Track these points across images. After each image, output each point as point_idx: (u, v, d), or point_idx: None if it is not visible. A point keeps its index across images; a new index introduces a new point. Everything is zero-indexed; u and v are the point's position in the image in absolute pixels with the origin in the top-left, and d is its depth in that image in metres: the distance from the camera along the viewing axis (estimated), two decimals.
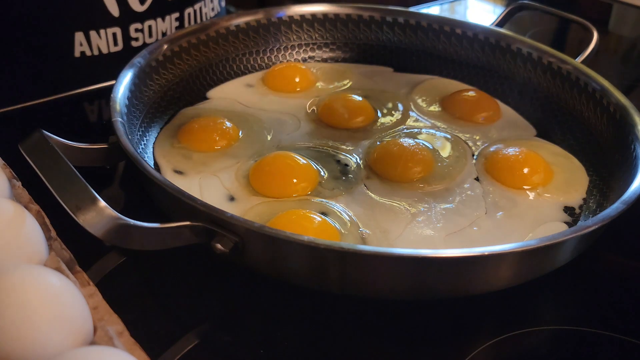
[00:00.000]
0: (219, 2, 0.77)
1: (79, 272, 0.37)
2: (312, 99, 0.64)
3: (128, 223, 0.39)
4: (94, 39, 0.65)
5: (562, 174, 0.55)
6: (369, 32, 0.71)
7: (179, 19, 0.71)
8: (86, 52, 0.66)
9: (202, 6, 0.73)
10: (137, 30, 0.68)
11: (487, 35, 0.67)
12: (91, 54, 0.66)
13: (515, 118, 0.63)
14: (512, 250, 0.40)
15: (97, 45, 0.66)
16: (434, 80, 0.69)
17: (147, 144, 0.56)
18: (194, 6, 0.72)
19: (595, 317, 0.45)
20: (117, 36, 0.67)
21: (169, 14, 0.70)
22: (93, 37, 0.65)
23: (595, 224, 0.42)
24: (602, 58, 0.85)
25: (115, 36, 0.67)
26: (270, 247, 0.41)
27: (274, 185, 0.51)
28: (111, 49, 0.67)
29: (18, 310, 0.31)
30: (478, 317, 0.45)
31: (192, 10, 0.72)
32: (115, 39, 0.67)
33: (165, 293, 0.45)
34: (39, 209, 0.41)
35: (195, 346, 0.41)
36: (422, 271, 0.41)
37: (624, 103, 0.55)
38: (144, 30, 0.68)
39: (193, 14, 0.72)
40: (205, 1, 0.74)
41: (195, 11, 0.72)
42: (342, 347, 0.42)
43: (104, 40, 0.66)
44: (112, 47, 0.67)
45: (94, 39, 0.65)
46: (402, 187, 0.52)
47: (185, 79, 0.64)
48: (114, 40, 0.67)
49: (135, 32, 0.68)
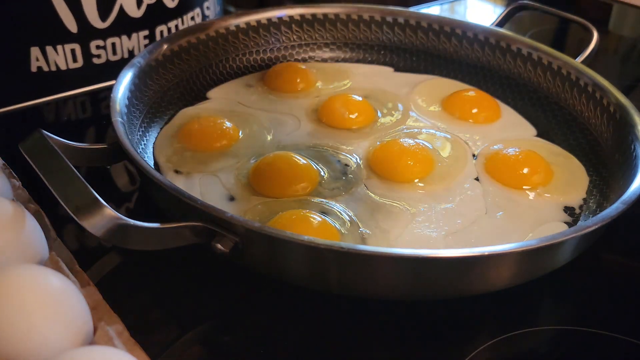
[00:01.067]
0: (202, 20, 0.74)
1: (79, 272, 0.38)
2: (312, 99, 0.64)
3: (128, 223, 0.39)
4: (51, 55, 0.63)
5: (562, 174, 0.55)
6: (369, 32, 0.71)
7: (148, 37, 0.68)
8: (43, 67, 0.63)
9: (179, 24, 0.71)
10: (98, 47, 0.65)
11: (487, 35, 0.67)
12: (48, 69, 0.64)
13: (515, 118, 0.63)
14: (512, 250, 0.40)
15: (55, 60, 0.64)
16: (434, 80, 0.69)
17: (147, 144, 0.56)
18: (167, 24, 0.69)
19: (595, 317, 0.45)
20: (76, 52, 0.64)
21: (136, 31, 0.67)
22: (50, 53, 0.63)
23: (595, 224, 0.42)
24: (602, 58, 0.85)
25: (74, 52, 0.64)
26: (270, 247, 0.41)
27: (274, 185, 0.51)
28: (70, 65, 0.65)
29: (18, 310, 0.31)
30: (478, 317, 0.45)
31: (165, 28, 0.69)
32: (75, 56, 0.64)
33: (165, 293, 0.45)
34: (38, 208, 0.41)
35: (195, 346, 0.41)
36: (422, 271, 0.41)
37: (624, 103, 0.55)
38: (107, 47, 0.66)
39: (167, 32, 0.69)
40: (182, 18, 0.71)
41: (170, 29, 0.70)
42: (342, 347, 0.42)
43: (61, 56, 0.64)
44: (72, 63, 0.65)
45: (50, 54, 0.63)
46: (402, 187, 0.52)
47: (185, 79, 0.64)
48: (73, 56, 0.64)
49: (97, 49, 0.65)
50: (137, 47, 0.68)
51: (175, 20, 0.70)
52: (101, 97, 0.68)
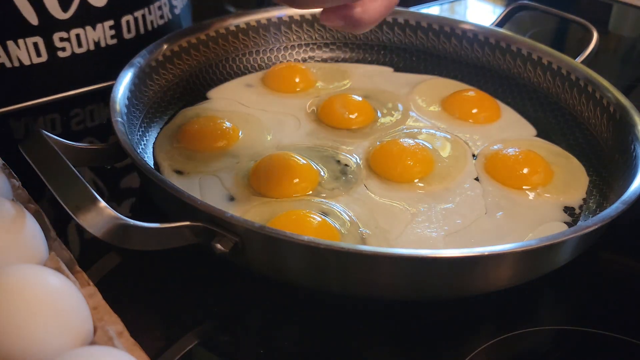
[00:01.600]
0: (170, 10, 0.72)
1: (79, 272, 0.38)
2: (312, 99, 0.64)
3: (128, 223, 0.39)
4: (13, 50, 0.60)
5: (562, 174, 0.55)
6: (369, 32, 0.71)
7: (114, 27, 0.65)
8: (5, 63, 0.61)
9: (146, 13, 0.68)
10: (62, 39, 0.62)
11: (487, 35, 0.67)
12: (11, 65, 0.61)
13: (515, 118, 0.63)
14: (512, 250, 0.40)
15: (17, 56, 0.61)
16: (434, 80, 0.69)
17: (147, 144, 0.56)
18: (133, 14, 0.66)
19: (595, 317, 0.45)
20: (39, 46, 0.61)
21: (100, 21, 0.64)
22: (11, 48, 0.60)
23: (595, 224, 0.42)
24: (602, 58, 0.85)
25: (36, 46, 0.61)
26: (270, 247, 0.41)
27: (274, 185, 0.51)
28: (34, 60, 0.62)
29: (18, 310, 0.31)
30: (478, 317, 0.45)
31: (131, 18, 0.66)
32: (38, 50, 0.62)
33: (165, 293, 0.45)
34: (38, 208, 0.41)
35: (195, 346, 0.41)
36: (422, 271, 0.41)
37: (624, 103, 0.55)
38: (71, 39, 0.63)
39: (134, 22, 0.67)
40: (149, 8, 0.68)
41: (137, 19, 0.67)
42: (342, 347, 0.42)
43: (24, 51, 0.61)
44: (35, 57, 0.62)
45: (12, 49, 0.60)
46: (402, 187, 0.52)
47: (185, 79, 0.64)
48: (36, 50, 0.62)
49: (61, 41, 0.62)
50: (104, 38, 0.65)
51: (141, 9, 0.67)
52: (101, 97, 0.68)
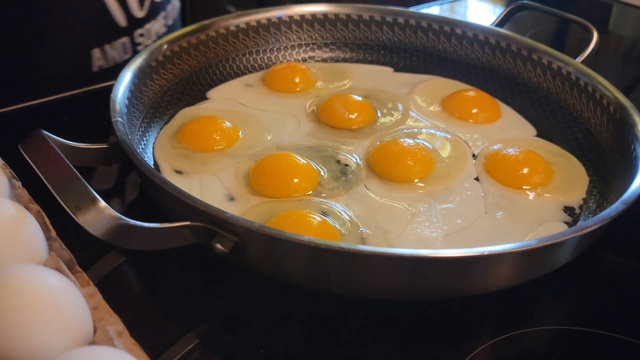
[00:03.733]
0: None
1: (79, 272, 0.37)
2: (312, 99, 0.64)
3: (128, 223, 0.39)
4: (108, 52, 0.68)
5: (562, 174, 0.55)
6: (369, 32, 0.71)
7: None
8: (103, 65, 0.68)
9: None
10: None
11: (487, 35, 0.67)
12: (107, 66, 0.69)
13: (515, 118, 0.63)
14: (512, 250, 0.40)
15: (113, 57, 0.69)
16: (434, 80, 0.69)
17: (147, 144, 0.56)
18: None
19: (595, 317, 0.45)
20: (126, 45, 0.70)
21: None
22: (107, 51, 0.68)
23: (595, 224, 0.42)
24: (602, 58, 0.85)
25: (124, 45, 0.70)
26: (270, 247, 0.41)
27: (274, 185, 0.51)
28: (123, 58, 0.70)
29: (18, 311, 0.31)
30: (478, 317, 0.45)
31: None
32: (125, 48, 0.70)
33: (165, 293, 0.45)
34: (39, 209, 0.41)
35: (195, 346, 0.41)
36: (422, 271, 0.41)
37: (624, 103, 0.55)
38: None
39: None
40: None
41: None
42: (342, 347, 0.42)
43: (115, 52, 0.69)
44: (123, 56, 0.70)
45: (108, 52, 0.68)
46: (402, 187, 0.52)
47: (185, 79, 0.64)
48: (124, 49, 0.70)
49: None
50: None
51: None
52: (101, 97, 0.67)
